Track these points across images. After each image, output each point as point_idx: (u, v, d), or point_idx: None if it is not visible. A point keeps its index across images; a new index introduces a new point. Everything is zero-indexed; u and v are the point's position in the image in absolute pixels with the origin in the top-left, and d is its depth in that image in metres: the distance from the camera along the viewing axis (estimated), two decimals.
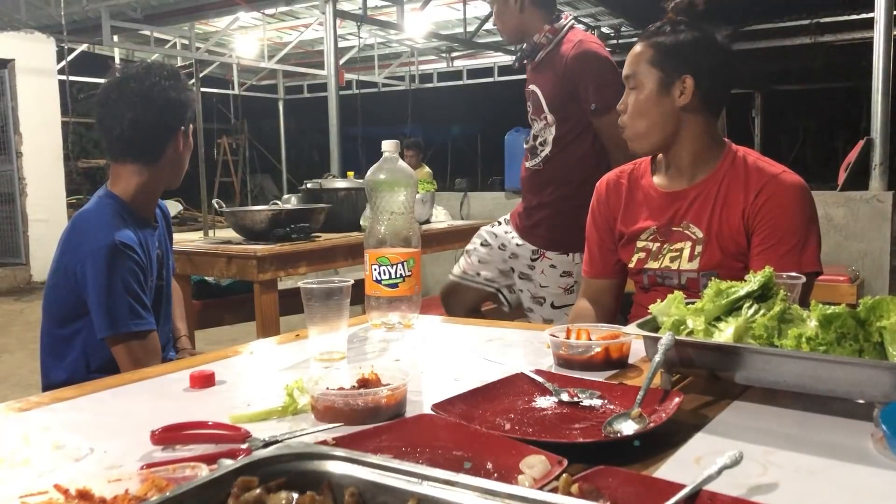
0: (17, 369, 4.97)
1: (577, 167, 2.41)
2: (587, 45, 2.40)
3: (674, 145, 1.65)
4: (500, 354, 1.31)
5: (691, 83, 1.59)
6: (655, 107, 1.62)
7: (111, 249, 1.63)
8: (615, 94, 2.39)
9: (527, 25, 2.46)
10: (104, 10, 6.83)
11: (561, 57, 2.39)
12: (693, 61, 1.59)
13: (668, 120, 1.62)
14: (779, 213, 1.55)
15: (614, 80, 2.39)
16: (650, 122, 1.64)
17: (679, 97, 1.60)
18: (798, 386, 0.96)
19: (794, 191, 1.57)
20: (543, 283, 2.49)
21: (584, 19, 8.58)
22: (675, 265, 1.64)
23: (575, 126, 2.40)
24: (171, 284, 1.93)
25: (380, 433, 0.87)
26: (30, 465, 0.84)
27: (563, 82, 2.38)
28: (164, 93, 1.73)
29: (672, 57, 1.60)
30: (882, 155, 4.52)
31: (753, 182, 1.59)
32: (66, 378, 1.66)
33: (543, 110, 2.45)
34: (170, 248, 1.94)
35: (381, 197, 1.54)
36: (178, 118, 1.76)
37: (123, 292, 1.63)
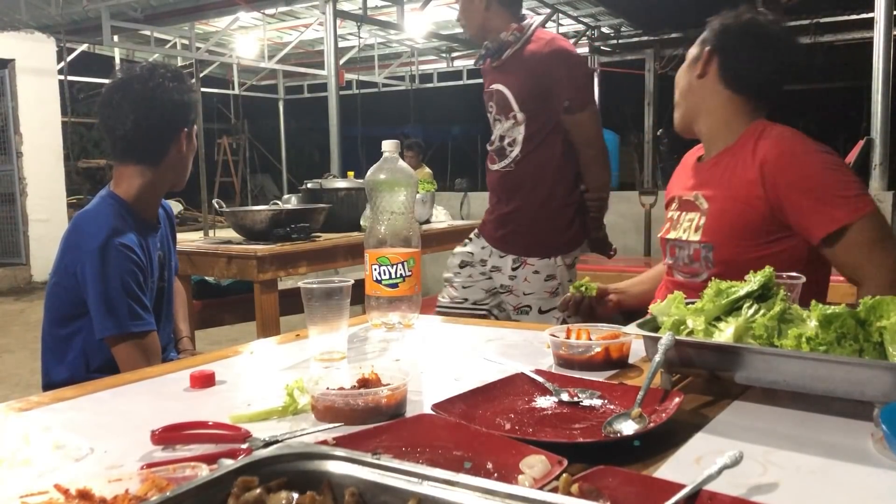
0: (17, 369, 4.97)
1: (550, 166, 2.39)
2: (561, 42, 2.41)
3: (697, 119, 1.70)
4: (500, 354, 1.31)
5: (709, 54, 1.65)
6: (684, 77, 1.72)
7: (110, 249, 1.63)
8: (589, 92, 2.38)
9: (491, 23, 2.44)
10: (104, 10, 6.83)
11: (533, 55, 2.37)
12: (720, 37, 1.65)
13: (689, 90, 1.69)
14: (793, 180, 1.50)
15: (588, 79, 2.41)
16: (678, 92, 1.73)
17: (696, 68, 1.67)
18: (798, 386, 0.96)
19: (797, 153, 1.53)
20: (528, 291, 2.44)
21: (584, 19, 8.58)
22: (686, 235, 1.67)
23: (544, 124, 2.38)
24: (172, 285, 1.93)
25: (380, 433, 0.87)
26: (30, 465, 0.84)
27: (536, 79, 2.36)
28: (168, 94, 1.73)
29: (708, 32, 1.68)
30: (882, 155, 4.52)
31: (758, 151, 1.56)
32: (67, 378, 1.66)
33: (512, 109, 2.41)
34: (173, 249, 1.94)
35: (381, 197, 1.54)
36: (180, 120, 1.76)
37: (122, 292, 1.63)
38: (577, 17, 8.44)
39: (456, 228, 4.30)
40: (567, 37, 9.05)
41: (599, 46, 8.99)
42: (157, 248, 1.82)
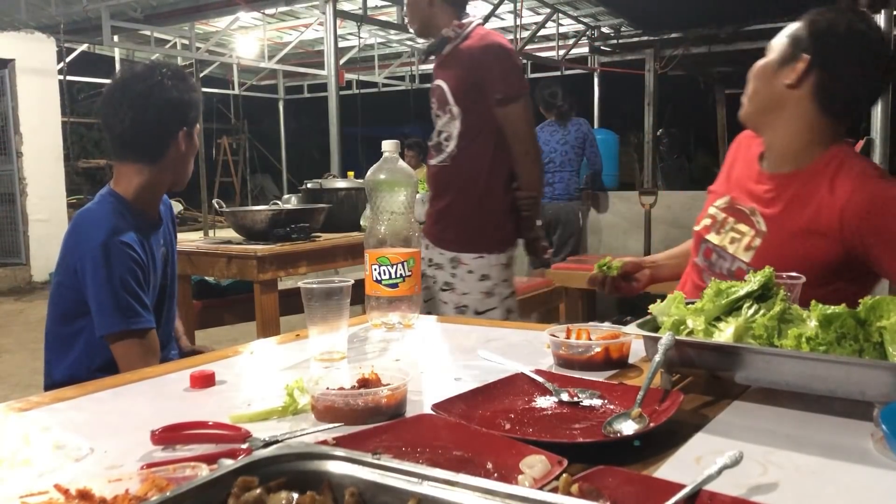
0: (17, 369, 4.97)
1: (483, 162, 2.38)
2: (494, 37, 2.41)
3: (773, 124, 1.55)
4: (500, 354, 1.31)
5: (803, 66, 1.48)
6: (767, 77, 1.55)
7: (110, 247, 1.63)
8: (519, 84, 2.36)
9: (435, 19, 2.46)
10: (104, 10, 6.82)
11: (468, 49, 2.39)
12: (819, 45, 1.48)
13: (771, 95, 1.54)
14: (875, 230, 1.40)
15: (519, 72, 2.40)
16: (754, 89, 1.57)
17: (788, 75, 1.50)
18: (798, 386, 0.96)
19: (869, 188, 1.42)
20: (465, 291, 2.42)
21: (584, 19, 8.58)
22: (732, 248, 1.56)
23: (479, 119, 2.38)
24: (175, 282, 1.93)
25: (380, 433, 0.87)
26: (30, 465, 0.84)
27: (468, 74, 2.38)
28: (166, 93, 1.73)
29: (807, 36, 1.50)
30: (882, 155, 4.52)
31: (837, 191, 1.43)
32: (69, 376, 1.66)
33: (449, 103, 2.42)
34: (174, 246, 1.94)
35: (381, 197, 1.54)
36: (179, 118, 1.76)
37: (122, 290, 1.63)
38: (577, 17, 8.43)
39: None
40: (567, 37, 9.07)
41: (599, 46, 8.99)
42: (159, 245, 1.82)
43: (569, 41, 9.09)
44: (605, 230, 6.63)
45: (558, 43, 8.77)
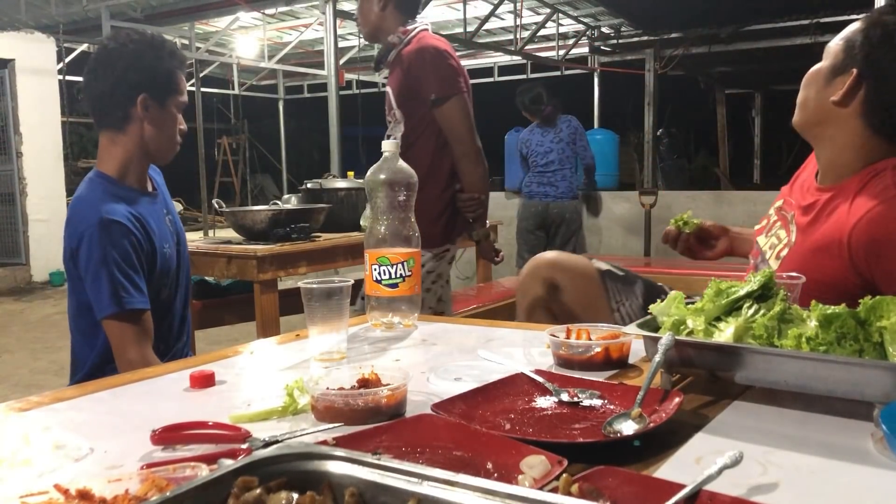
0: (17, 369, 4.97)
1: (423, 164, 2.38)
2: (429, 40, 2.42)
3: (819, 137, 1.47)
4: (500, 354, 1.31)
5: (853, 81, 1.37)
6: (815, 87, 1.46)
7: (99, 227, 1.64)
8: (451, 84, 2.37)
9: (385, 24, 2.48)
10: (104, 10, 6.83)
11: (406, 55, 2.42)
12: (871, 63, 1.36)
13: (819, 107, 1.45)
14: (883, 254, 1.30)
15: (452, 72, 2.39)
16: (805, 97, 1.48)
17: (836, 90, 1.41)
18: (798, 386, 0.96)
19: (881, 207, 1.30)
20: None
21: (584, 19, 8.58)
22: (769, 254, 1.52)
23: (420, 122, 2.41)
24: (186, 247, 1.94)
25: (380, 433, 0.87)
26: (30, 465, 0.84)
27: (406, 78, 2.41)
28: (125, 59, 1.73)
29: (857, 44, 1.38)
30: None
31: (854, 207, 1.34)
32: (97, 361, 1.70)
33: (392, 107, 2.46)
34: (174, 211, 1.95)
35: (381, 197, 1.54)
36: (136, 84, 1.74)
37: (115, 271, 1.64)
38: (577, 17, 8.43)
39: None
40: (567, 37, 9.06)
41: (599, 46, 8.99)
42: (163, 215, 1.83)
43: (569, 41, 9.09)
44: (605, 230, 6.63)
45: (558, 43, 8.77)
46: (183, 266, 1.89)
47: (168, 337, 1.84)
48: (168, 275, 1.79)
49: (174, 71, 1.79)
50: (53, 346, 5.52)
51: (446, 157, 2.42)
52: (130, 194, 1.76)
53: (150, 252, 1.73)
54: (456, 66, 2.40)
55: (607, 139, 7.70)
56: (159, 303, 1.77)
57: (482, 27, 7.49)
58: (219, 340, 4.56)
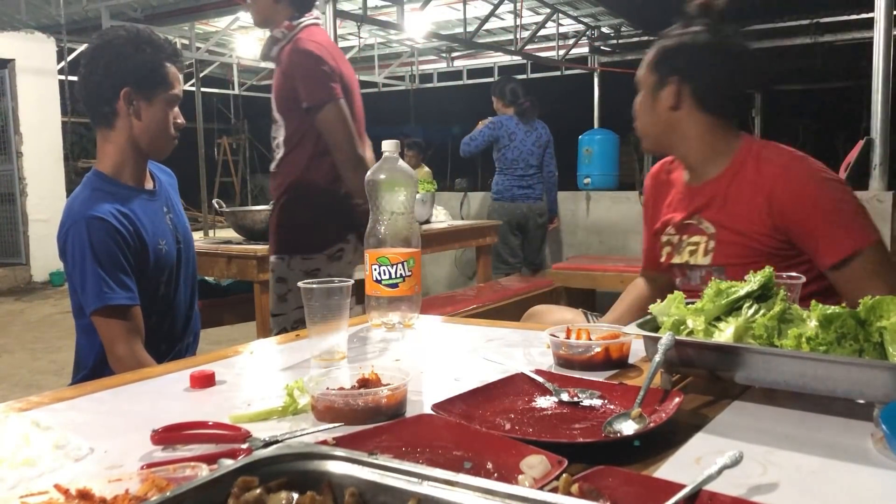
0: (17, 369, 4.97)
1: (301, 168, 2.33)
2: (302, 42, 2.28)
3: (677, 145, 1.66)
4: (500, 354, 1.31)
5: (676, 86, 1.60)
6: (648, 109, 1.66)
7: (83, 224, 1.65)
8: (323, 92, 2.23)
9: (276, 16, 2.34)
10: (104, 10, 6.82)
11: (285, 56, 2.31)
12: (682, 64, 1.60)
13: (660, 122, 1.64)
14: (802, 208, 1.50)
15: (323, 77, 2.25)
16: (644, 123, 1.68)
17: (667, 99, 1.61)
18: (798, 386, 0.96)
19: (806, 181, 1.52)
20: (270, 290, 2.39)
21: (584, 19, 8.57)
22: (693, 259, 1.65)
23: (300, 126, 2.31)
24: (191, 249, 1.92)
25: (380, 433, 0.87)
26: (30, 465, 0.84)
27: (283, 81, 2.31)
28: (108, 54, 1.74)
29: (665, 60, 1.62)
30: (882, 155, 4.52)
31: (763, 177, 1.54)
32: (98, 360, 1.70)
33: (273, 110, 2.37)
34: (180, 211, 1.94)
35: (381, 197, 1.54)
36: (116, 78, 1.73)
37: (96, 266, 1.63)
38: (577, 17, 8.42)
39: (456, 228, 4.30)
40: (567, 37, 9.06)
41: (599, 46, 8.98)
42: (162, 214, 1.83)
43: (569, 41, 9.08)
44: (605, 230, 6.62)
45: (558, 43, 8.77)
46: (185, 265, 1.88)
47: (171, 335, 1.84)
48: (164, 272, 1.79)
49: (160, 64, 1.77)
50: (53, 346, 5.52)
51: (326, 161, 2.31)
52: (124, 191, 1.75)
53: (140, 249, 1.72)
54: (330, 70, 2.25)
55: (607, 139, 7.70)
56: (157, 300, 1.77)
57: (482, 27, 7.49)
58: (219, 340, 4.55)
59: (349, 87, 2.36)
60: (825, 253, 1.48)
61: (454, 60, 10.75)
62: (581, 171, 7.50)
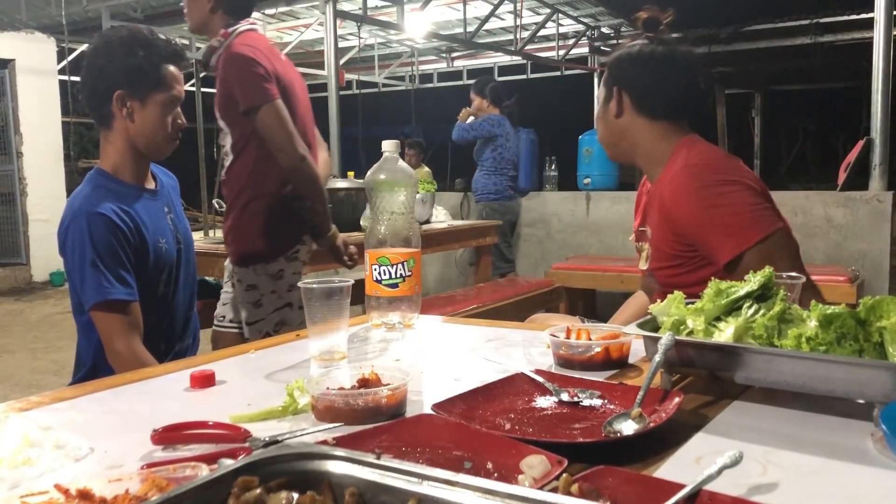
0: (17, 369, 4.97)
1: (249, 174, 2.32)
2: (235, 47, 2.26)
3: (629, 151, 1.75)
4: (500, 354, 1.31)
5: (618, 95, 1.70)
6: (601, 120, 1.76)
7: (83, 220, 1.66)
8: (258, 94, 2.22)
9: (212, 25, 2.35)
10: (104, 10, 6.83)
11: (221, 62, 2.31)
12: (621, 75, 1.71)
13: (613, 131, 1.74)
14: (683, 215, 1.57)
15: (257, 79, 2.23)
16: (600, 134, 1.79)
17: (612, 109, 1.72)
18: (798, 386, 0.96)
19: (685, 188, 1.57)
20: (239, 300, 2.39)
21: (584, 19, 8.57)
22: (643, 265, 1.75)
23: (244, 132, 2.30)
24: (191, 251, 1.92)
25: (380, 433, 0.87)
26: (30, 465, 0.84)
27: (222, 87, 2.31)
28: (102, 57, 1.75)
29: (609, 73, 1.74)
30: (882, 155, 4.52)
31: (662, 186, 1.63)
32: (95, 358, 1.71)
33: (217, 117, 2.37)
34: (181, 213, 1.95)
35: (381, 197, 1.54)
36: (109, 80, 1.74)
37: (96, 261, 1.64)
38: (577, 17, 8.42)
39: (456, 228, 4.30)
40: (567, 37, 9.05)
41: (599, 46, 8.98)
42: (163, 213, 1.83)
43: (569, 41, 9.08)
44: (605, 230, 6.62)
45: (558, 43, 8.77)
46: (185, 266, 1.88)
47: (170, 335, 1.84)
48: (164, 271, 1.79)
49: (154, 66, 1.76)
50: (53, 346, 5.52)
51: (273, 165, 2.30)
52: (125, 190, 1.76)
53: (140, 246, 1.72)
54: (264, 72, 2.24)
55: None
56: (156, 299, 1.77)
57: (482, 27, 7.49)
58: None
59: (289, 88, 2.34)
60: (714, 256, 1.54)
61: (454, 60, 10.75)
62: (581, 171, 7.49)
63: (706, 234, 1.55)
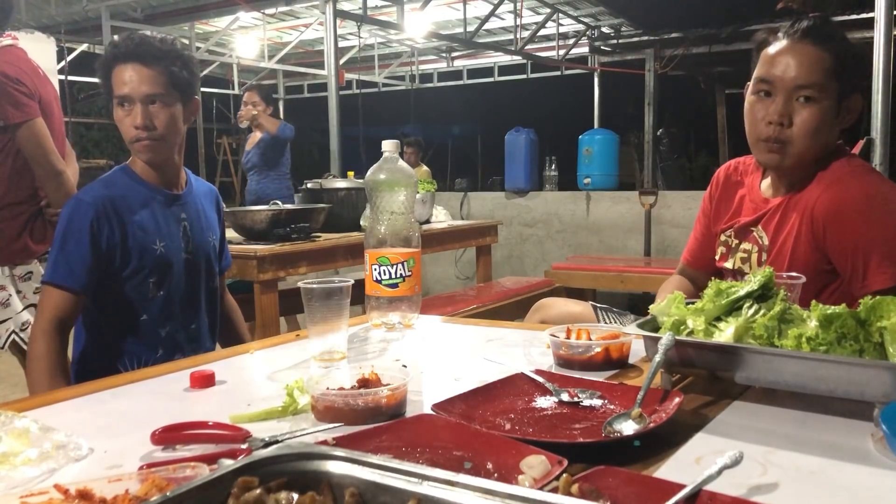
0: (16, 369, 4.94)
1: (5, 183, 2.41)
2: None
3: (809, 160, 1.50)
4: (500, 354, 1.31)
5: (859, 103, 1.47)
6: (830, 127, 1.47)
7: (72, 203, 1.69)
8: (21, 110, 2.32)
9: None
10: (104, 10, 6.82)
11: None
12: (865, 77, 1.48)
13: (832, 140, 1.49)
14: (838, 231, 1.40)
15: (19, 97, 2.33)
16: (819, 143, 1.47)
17: (847, 118, 1.47)
18: (798, 386, 0.96)
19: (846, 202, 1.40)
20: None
21: (584, 19, 8.57)
22: (746, 267, 1.57)
23: (2, 145, 2.39)
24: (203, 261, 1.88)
25: (380, 433, 0.87)
26: (30, 465, 0.84)
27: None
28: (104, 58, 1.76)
29: (852, 70, 1.45)
30: (882, 155, 4.52)
31: (811, 199, 1.45)
32: (80, 352, 1.75)
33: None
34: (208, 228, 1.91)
35: (381, 197, 1.54)
36: (104, 82, 1.76)
37: (63, 243, 1.66)
38: (577, 17, 8.42)
39: (456, 228, 4.30)
40: (567, 37, 9.06)
41: (599, 46, 8.98)
42: (177, 218, 1.81)
43: (569, 41, 9.08)
44: (606, 230, 6.62)
45: (558, 43, 8.77)
46: (193, 275, 1.84)
47: (172, 344, 1.78)
48: (155, 273, 1.75)
49: (108, 66, 1.74)
50: None
51: (27, 175, 2.42)
52: (136, 187, 1.76)
53: (120, 242, 1.70)
54: (27, 90, 2.34)
55: (607, 139, 7.70)
56: (148, 301, 1.74)
57: (482, 27, 7.49)
58: None
59: (47, 105, 2.45)
60: (863, 280, 1.38)
61: (454, 60, 10.75)
62: (581, 171, 7.50)
63: (866, 253, 1.36)
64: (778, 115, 1.46)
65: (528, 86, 10.77)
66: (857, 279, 1.39)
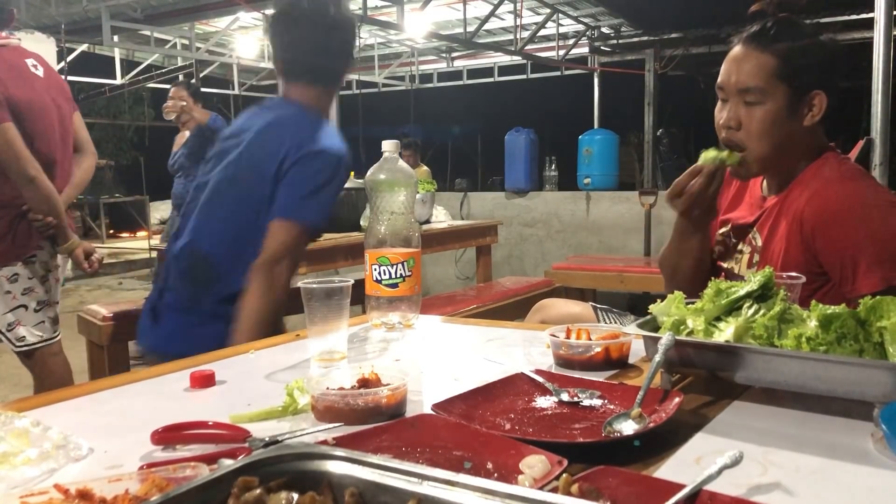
0: (17, 369, 4.95)
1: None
2: None
3: (786, 161, 1.52)
4: (500, 354, 1.31)
5: (823, 101, 1.47)
6: (782, 127, 1.47)
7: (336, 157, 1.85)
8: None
9: None
10: (104, 10, 6.83)
11: None
12: (824, 74, 1.46)
13: (793, 140, 1.49)
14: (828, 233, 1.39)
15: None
16: (774, 144, 1.48)
17: (808, 116, 1.48)
18: (798, 386, 0.96)
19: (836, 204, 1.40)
20: None
21: (584, 19, 8.57)
22: (738, 268, 1.58)
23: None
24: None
25: (380, 433, 0.87)
26: (30, 465, 0.84)
27: None
28: None
29: (803, 70, 1.45)
30: (882, 155, 4.52)
31: (801, 201, 1.45)
32: None
33: None
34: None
35: (381, 197, 1.54)
36: None
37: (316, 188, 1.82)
38: (577, 17, 8.42)
39: (456, 228, 4.30)
40: (567, 37, 9.06)
41: (599, 46, 8.99)
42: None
43: (569, 41, 9.09)
44: (606, 230, 6.63)
45: (558, 43, 8.77)
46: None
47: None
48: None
49: None
50: None
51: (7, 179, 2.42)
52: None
53: None
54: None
55: (607, 139, 7.71)
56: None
57: (482, 27, 7.49)
58: None
59: (26, 109, 2.43)
60: (853, 283, 1.37)
61: (454, 60, 10.75)
62: (581, 171, 7.50)
63: (855, 258, 1.36)
64: (727, 119, 1.51)
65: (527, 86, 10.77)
66: (846, 283, 1.39)
